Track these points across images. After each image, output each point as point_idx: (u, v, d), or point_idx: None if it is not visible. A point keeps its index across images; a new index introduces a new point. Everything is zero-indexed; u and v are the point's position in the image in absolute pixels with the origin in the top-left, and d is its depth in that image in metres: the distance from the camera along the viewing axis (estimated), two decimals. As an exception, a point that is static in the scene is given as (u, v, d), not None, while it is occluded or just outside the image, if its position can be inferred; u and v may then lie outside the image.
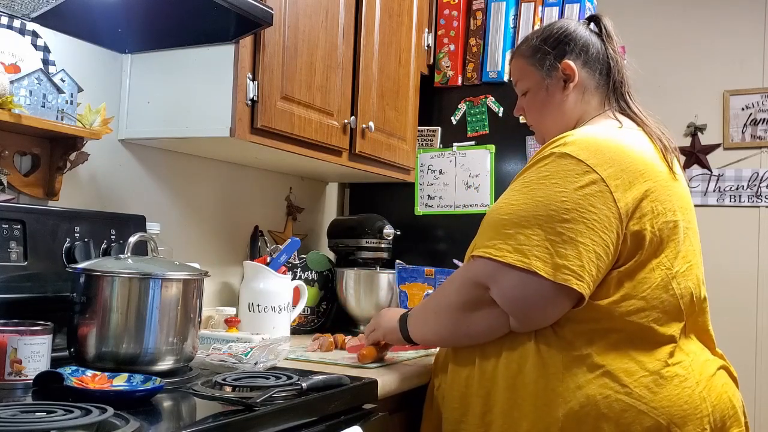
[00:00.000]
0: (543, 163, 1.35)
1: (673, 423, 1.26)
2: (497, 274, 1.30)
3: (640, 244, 1.31)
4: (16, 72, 1.48)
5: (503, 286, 1.30)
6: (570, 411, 1.27)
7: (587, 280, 1.26)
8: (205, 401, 1.17)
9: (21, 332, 1.23)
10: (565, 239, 1.26)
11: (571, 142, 1.35)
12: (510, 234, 1.30)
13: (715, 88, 3.48)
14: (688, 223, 1.41)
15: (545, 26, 1.58)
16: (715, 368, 1.39)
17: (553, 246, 1.26)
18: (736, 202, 3.40)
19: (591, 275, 1.26)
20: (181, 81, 1.73)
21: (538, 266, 1.26)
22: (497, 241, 1.31)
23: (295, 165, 2.21)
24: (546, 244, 1.27)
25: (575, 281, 1.25)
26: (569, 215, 1.27)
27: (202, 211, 2.09)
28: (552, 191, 1.30)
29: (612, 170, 1.31)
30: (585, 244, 1.26)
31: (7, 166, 1.54)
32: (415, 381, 1.56)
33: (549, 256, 1.26)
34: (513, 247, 1.28)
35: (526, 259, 1.27)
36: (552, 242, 1.27)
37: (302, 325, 2.15)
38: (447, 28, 2.51)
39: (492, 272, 1.31)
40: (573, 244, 1.26)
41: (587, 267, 1.26)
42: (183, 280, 1.39)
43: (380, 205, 2.51)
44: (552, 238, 1.27)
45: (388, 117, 2.21)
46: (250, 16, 1.47)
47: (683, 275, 1.36)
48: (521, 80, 1.57)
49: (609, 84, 1.52)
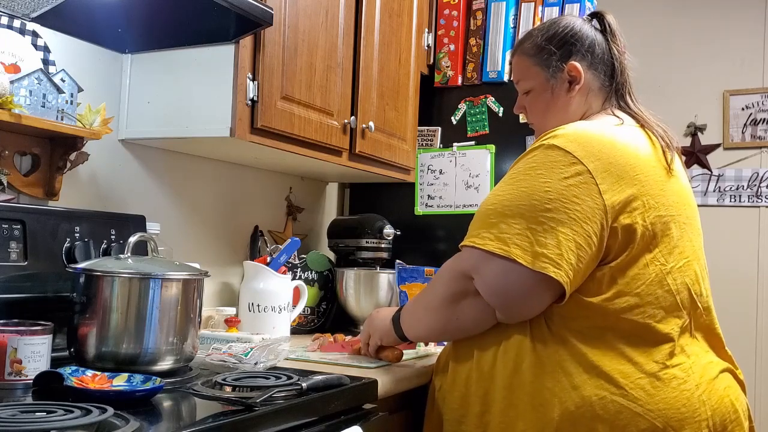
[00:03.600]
0: (532, 155, 1.35)
1: (669, 426, 1.26)
2: (479, 263, 1.31)
3: (631, 238, 1.31)
4: (16, 72, 1.48)
5: (485, 276, 1.31)
6: (565, 411, 1.27)
7: (565, 268, 1.25)
8: (205, 401, 1.17)
9: (21, 332, 1.23)
10: (546, 228, 1.27)
11: (561, 135, 1.35)
12: (493, 223, 1.30)
13: (715, 88, 3.47)
14: (686, 219, 1.40)
15: (549, 23, 1.54)
16: (717, 371, 1.37)
17: (533, 234, 1.27)
18: (736, 202, 3.40)
19: (570, 264, 1.25)
20: (181, 81, 1.73)
21: (517, 254, 1.26)
22: (481, 230, 1.32)
23: (295, 165, 2.21)
24: (527, 233, 1.27)
25: (552, 269, 1.25)
26: (552, 205, 1.27)
27: (202, 211, 2.09)
28: (537, 182, 1.30)
29: (599, 163, 1.31)
30: (565, 234, 1.26)
31: (7, 166, 1.54)
32: (415, 381, 1.56)
33: (529, 244, 1.26)
34: (495, 236, 1.29)
35: (506, 246, 1.27)
36: (533, 231, 1.27)
37: (302, 325, 2.15)
38: (447, 28, 2.51)
39: (475, 262, 1.32)
40: (553, 233, 1.26)
41: (566, 255, 1.25)
42: (183, 280, 1.39)
43: (380, 205, 2.51)
44: (533, 227, 1.27)
45: (388, 117, 2.21)
46: (250, 16, 1.47)
47: (679, 271, 1.35)
48: (524, 79, 1.54)
49: (612, 85, 1.50)
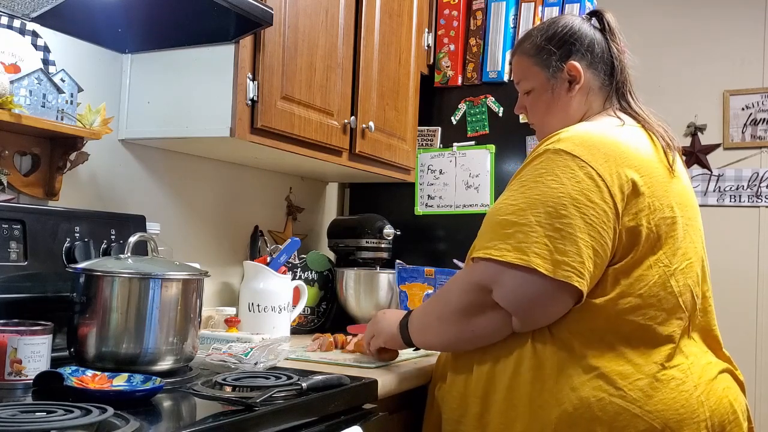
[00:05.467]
0: (539, 160, 1.34)
1: (668, 427, 1.25)
2: (498, 275, 1.29)
3: (636, 240, 1.30)
4: (16, 72, 1.48)
5: (505, 287, 1.29)
6: (564, 413, 1.26)
7: (586, 276, 1.25)
8: (205, 401, 1.17)
9: (21, 332, 1.23)
10: (564, 235, 1.26)
11: (565, 138, 1.34)
12: (509, 233, 1.29)
13: (715, 88, 3.47)
14: (688, 220, 1.39)
15: (549, 23, 1.54)
16: (716, 372, 1.37)
17: (552, 242, 1.25)
18: (736, 202, 3.40)
19: (590, 272, 1.26)
20: (181, 81, 1.73)
21: (537, 263, 1.25)
22: (497, 241, 1.30)
23: (295, 165, 2.21)
24: (545, 241, 1.26)
25: (576, 278, 1.24)
26: (567, 211, 1.26)
27: (202, 211, 2.09)
28: (548, 188, 1.29)
29: (607, 165, 1.30)
30: (584, 240, 1.25)
31: (7, 166, 1.54)
32: (415, 381, 1.56)
33: (548, 252, 1.25)
34: (512, 246, 1.27)
35: (526, 256, 1.25)
36: (551, 239, 1.26)
37: (302, 325, 2.15)
38: (447, 28, 2.51)
39: (493, 274, 1.30)
40: (572, 240, 1.25)
41: (587, 264, 1.25)
42: (183, 280, 1.39)
43: (380, 205, 2.51)
44: (551, 235, 1.26)
45: (388, 117, 2.21)
46: (250, 16, 1.47)
47: (682, 272, 1.34)
48: (525, 80, 1.54)
49: (612, 84, 1.50)
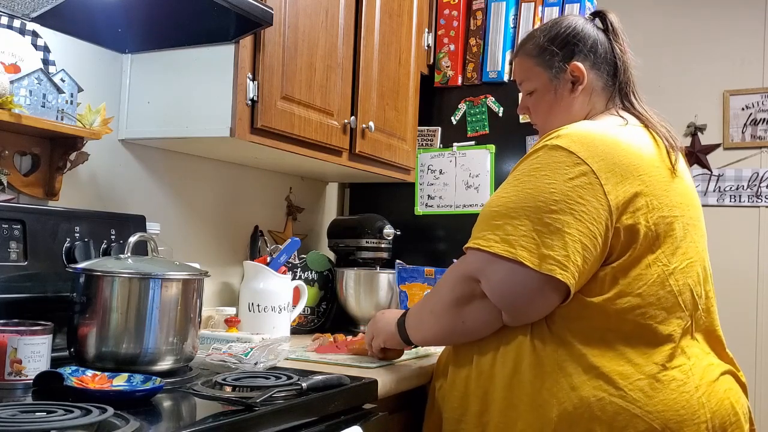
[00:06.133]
0: (535, 155, 1.35)
1: (668, 428, 1.25)
2: (486, 266, 1.30)
3: (634, 239, 1.30)
4: (16, 72, 1.48)
5: (491, 279, 1.30)
6: (564, 412, 1.26)
7: (572, 270, 1.25)
8: (205, 401, 1.17)
9: (21, 332, 1.23)
10: (552, 230, 1.26)
11: (564, 135, 1.34)
12: (498, 225, 1.30)
13: (715, 88, 3.47)
14: (690, 220, 1.39)
15: (551, 23, 1.53)
16: (718, 373, 1.37)
17: (539, 236, 1.26)
18: (736, 202, 3.40)
19: (576, 265, 1.25)
20: (181, 81, 1.73)
21: (523, 256, 1.26)
22: (486, 232, 1.31)
23: (295, 165, 2.21)
24: (533, 235, 1.26)
25: (559, 271, 1.24)
26: (557, 206, 1.27)
27: (202, 211, 2.09)
28: (541, 183, 1.30)
29: (603, 163, 1.30)
30: (571, 235, 1.26)
31: (7, 166, 1.54)
32: (415, 381, 1.56)
33: (535, 246, 1.26)
34: (500, 238, 1.29)
35: (512, 249, 1.27)
36: (539, 233, 1.26)
37: (302, 325, 2.15)
38: (447, 28, 2.51)
39: (481, 265, 1.31)
40: (559, 235, 1.26)
41: (572, 257, 1.25)
42: (183, 280, 1.39)
43: (380, 205, 2.51)
44: (539, 229, 1.27)
45: (388, 117, 2.21)
46: (250, 16, 1.47)
47: (682, 272, 1.34)
48: (527, 81, 1.54)
49: (616, 84, 1.50)
